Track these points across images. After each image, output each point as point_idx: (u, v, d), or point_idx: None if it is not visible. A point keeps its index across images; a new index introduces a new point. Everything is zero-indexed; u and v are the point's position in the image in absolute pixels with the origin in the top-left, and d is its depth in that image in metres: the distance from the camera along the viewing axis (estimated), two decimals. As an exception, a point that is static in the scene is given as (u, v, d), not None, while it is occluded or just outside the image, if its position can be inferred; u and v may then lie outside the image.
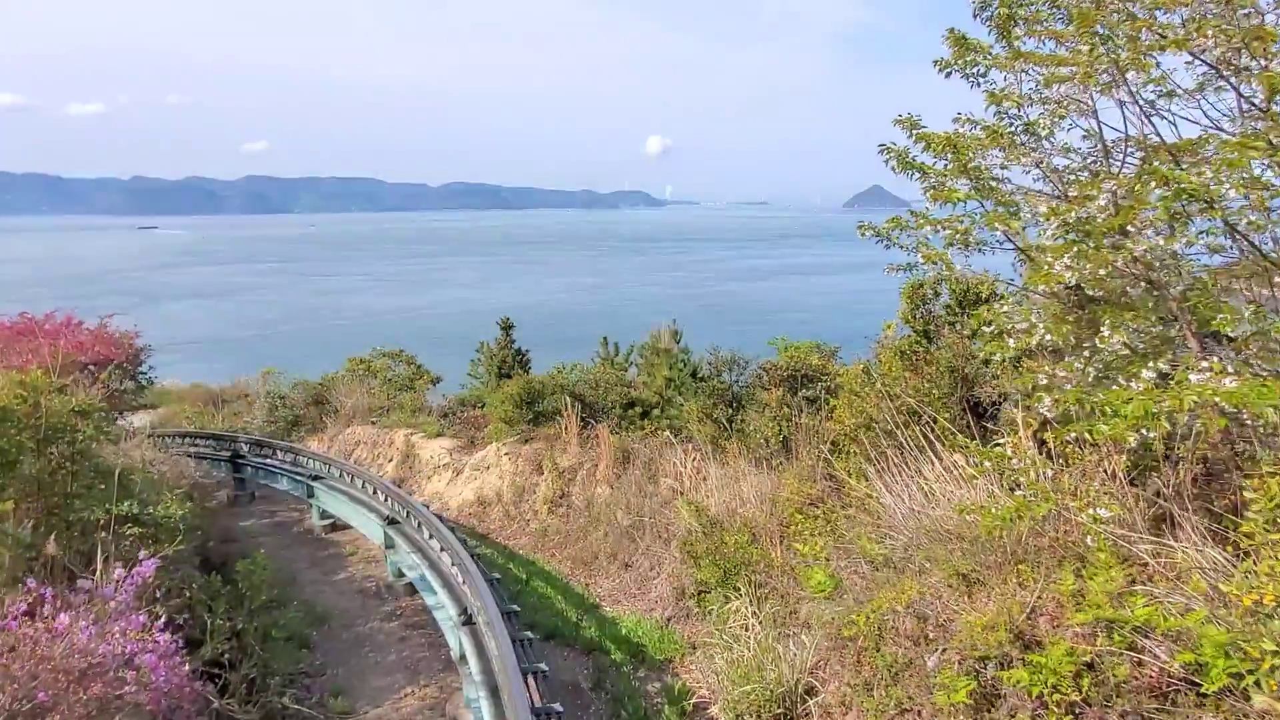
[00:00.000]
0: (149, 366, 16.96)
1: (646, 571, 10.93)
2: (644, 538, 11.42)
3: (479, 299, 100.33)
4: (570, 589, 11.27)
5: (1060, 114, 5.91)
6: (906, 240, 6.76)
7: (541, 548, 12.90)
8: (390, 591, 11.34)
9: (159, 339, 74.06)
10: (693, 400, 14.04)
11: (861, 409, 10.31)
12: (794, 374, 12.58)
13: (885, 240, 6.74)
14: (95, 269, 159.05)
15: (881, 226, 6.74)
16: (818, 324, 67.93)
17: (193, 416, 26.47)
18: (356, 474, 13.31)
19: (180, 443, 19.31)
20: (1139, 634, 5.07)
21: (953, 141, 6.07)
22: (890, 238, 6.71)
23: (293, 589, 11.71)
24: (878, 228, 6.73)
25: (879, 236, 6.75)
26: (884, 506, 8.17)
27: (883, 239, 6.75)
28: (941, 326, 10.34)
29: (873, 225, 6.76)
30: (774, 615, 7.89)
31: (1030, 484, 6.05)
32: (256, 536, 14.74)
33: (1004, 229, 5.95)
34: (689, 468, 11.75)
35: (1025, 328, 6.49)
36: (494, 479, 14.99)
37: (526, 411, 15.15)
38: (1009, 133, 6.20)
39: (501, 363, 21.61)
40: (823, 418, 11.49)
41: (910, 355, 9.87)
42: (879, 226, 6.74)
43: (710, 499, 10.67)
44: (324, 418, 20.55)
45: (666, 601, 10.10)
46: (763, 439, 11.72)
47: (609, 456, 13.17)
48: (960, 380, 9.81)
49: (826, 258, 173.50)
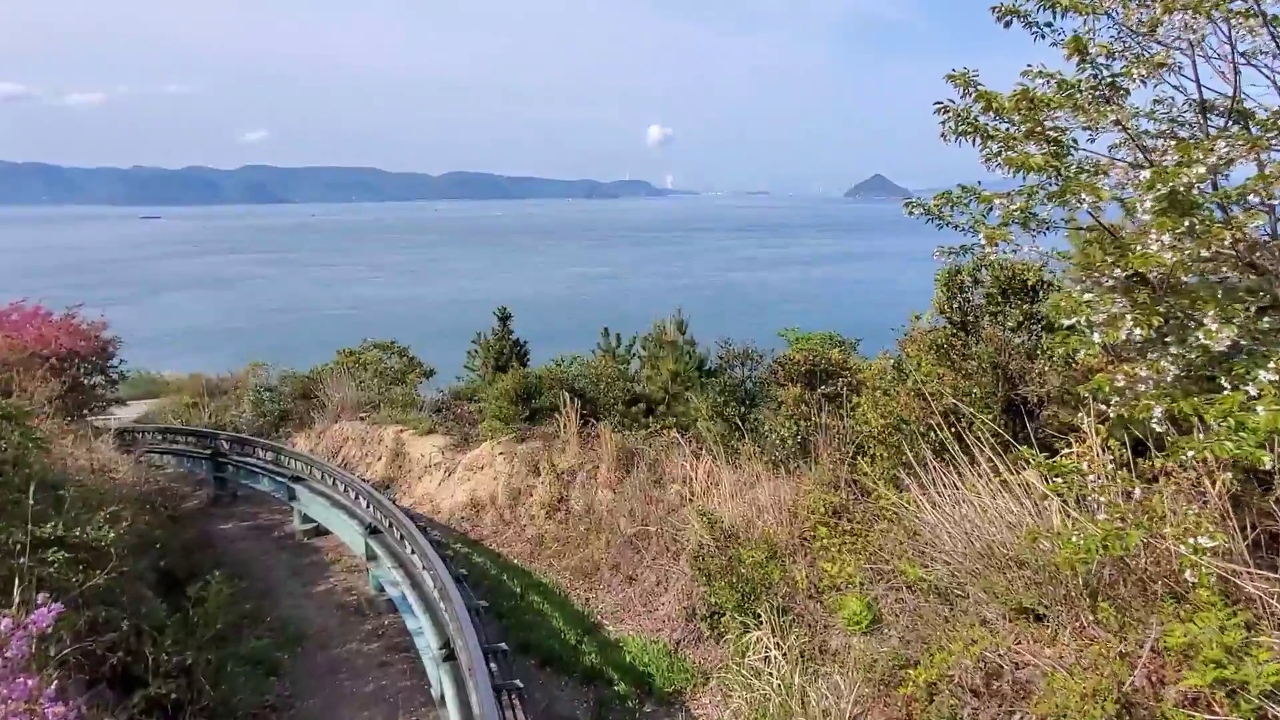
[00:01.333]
0: (120, 360, 15.95)
1: (653, 586, 9.96)
2: (650, 548, 10.45)
3: (479, 289, 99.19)
4: (569, 604, 10.31)
5: (1160, 61, 4.88)
6: (961, 218, 5.76)
7: (538, 556, 11.94)
8: (372, 607, 10.39)
9: (160, 329, 72.67)
10: (701, 397, 13.06)
11: (890, 409, 9.33)
12: (812, 369, 11.58)
13: (936, 219, 5.73)
14: (96, 258, 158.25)
15: (931, 203, 5.73)
16: (823, 314, 66.87)
17: (180, 410, 25.54)
18: (339, 477, 12.33)
19: (160, 439, 18.39)
20: (1269, 700, 4.11)
21: (1028, 98, 5.04)
22: (942, 215, 5.70)
23: (268, 603, 10.79)
24: (927, 205, 5.72)
25: (929, 215, 5.75)
26: (924, 522, 7.20)
27: (933, 217, 5.75)
28: (981, 318, 9.33)
29: (921, 202, 5.75)
30: (800, 647, 6.91)
31: (1114, 506, 5.06)
32: (235, 542, 13.83)
33: (1089, 200, 4.93)
34: (700, 472, 10.76)
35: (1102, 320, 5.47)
36: (488, 480, 14.02)
37: (522, 408, 14.17)
38: (1091, 87, 5.18)
39: (499, 355, 20.61)
40: (845, 417, 10.51)
41: (947, 350, 8.86)
42: (928, 204, 5.73)
43: (724, 507, 9.69)
44: (312, 412, 19.57)
45: (675, 622, 9.13)
46: (779, 440, 10.73)
47: (611, 458, 12.19)
48: (1003, 378, 8.82)
49: (829, 247, 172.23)
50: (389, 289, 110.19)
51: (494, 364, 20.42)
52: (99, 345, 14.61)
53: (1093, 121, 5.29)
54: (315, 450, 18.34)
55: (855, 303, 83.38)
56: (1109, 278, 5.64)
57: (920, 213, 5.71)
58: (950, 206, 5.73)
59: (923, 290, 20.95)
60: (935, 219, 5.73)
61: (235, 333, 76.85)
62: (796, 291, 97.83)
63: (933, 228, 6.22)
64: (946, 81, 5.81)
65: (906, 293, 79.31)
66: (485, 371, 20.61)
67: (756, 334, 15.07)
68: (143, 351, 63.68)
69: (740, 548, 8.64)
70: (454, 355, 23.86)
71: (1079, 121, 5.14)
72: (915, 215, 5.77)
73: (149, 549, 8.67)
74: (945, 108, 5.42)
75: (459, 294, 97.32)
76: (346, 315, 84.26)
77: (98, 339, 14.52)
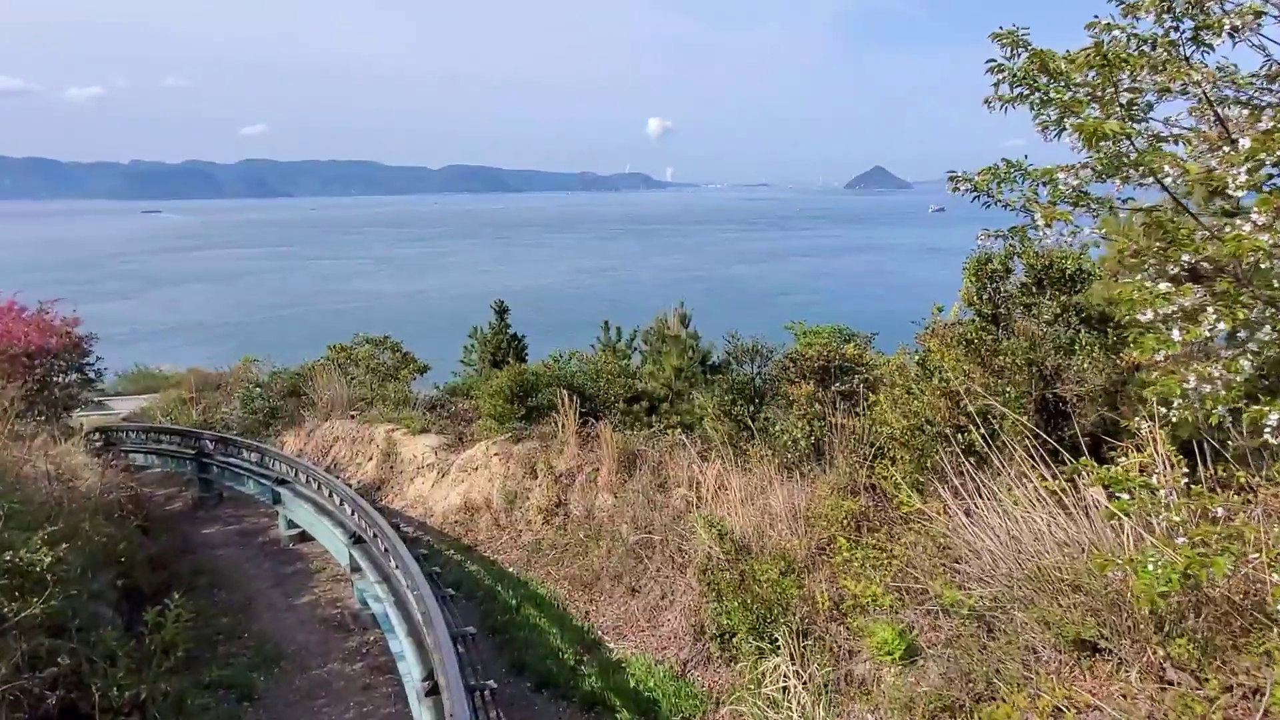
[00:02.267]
0: (96, 357, 15.22)
1: (657, 600, 9.27)
2: (654, 558, 9.76)
3: (478, 282, 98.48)
4: (567, 618, 9.62)
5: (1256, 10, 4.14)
6: (1011, 195, 5.03)
7: (534, 564, 11.26)
8: (357, 622, 9.71)
9: (161, 323, 72.33)
10: (707, 395, 12.35)
11: (914, 408, 8.63)
12: (826, 365, 10.87)
13: (985, 196, 5.01)
14: (97, 253, 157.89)
15: (978, 178, 5.00)
16: (827, 307, 66.11)
17: (171, 407, 24.88)
18: (324, 482, 11.64)
19: (144, 439, 17.71)
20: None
21: (1101, 53, 4.30)
22: (991, 193, 4.98)
23: (246, 617, 10.13)
24: (974, 179, 4.99)
25: (976, 191, 5.02)
26: (959, 537, 6.50)
27: (980, 194, 5.02)
28: (1013, 310, 8.61)
29: (967, 176, 5.02)
30: (823, 677, 6.22)
31: (1200, 528, 4.36)
32: (217, 549, 13.16)
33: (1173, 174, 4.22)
34: (707, 475, 10.06)
35: (1173, 312, 4.75)
36: (483, 482, 13.33)
37: (518, 407, 13.46)
38: (1169, 43, 4.45)
39: (495, 349, 19.90)
40: (862, 417, 9.81)
41: (977, 345, 8.13)
42: (975, 178, 5.01)
43: (734, 515, 8.99)
44: (302, 410, 18.88)
45: (682, 640, 8.45)
46: (791, 441, 10.03)
47: (612, 459, 11.49)
48: (1037, 376, 8.11)
49: (831, 240, 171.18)
50: (388, 283, 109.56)
51: (491, 359, 19.73)
52: (71, 342, 13.88)
53: (1169, 81, 4.56)
54: (305, 449, 17.67)
55: (859, 295, 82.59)
56: (1175, 265, 4.92)
57: (966, 189, 4.98)
58: (998, 182, 5.01)
59: (929, 282, 19.95)
60: (982, 196, 5.01)
61: (235, 327, 76.50)
62: (798, 284, 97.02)
63: (935, 219, 5.57)
64: (991, 41, 5.09)
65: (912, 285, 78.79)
66: (482, 367, 19.91)
67: (759, 327, 14.34)
68: (143, 346, 63.40)
69: (753, 561, 7.95)
70: (452, 349, 23.16)
71: (1156, 83, 4.42)
72: (959, 192, 5.04)
73: (110, 564, 7.96)
74: (1000, 66, 4.68)
75: (458, 287, 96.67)
76: (346, 309, 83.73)
77: (70, 335, 13.79)
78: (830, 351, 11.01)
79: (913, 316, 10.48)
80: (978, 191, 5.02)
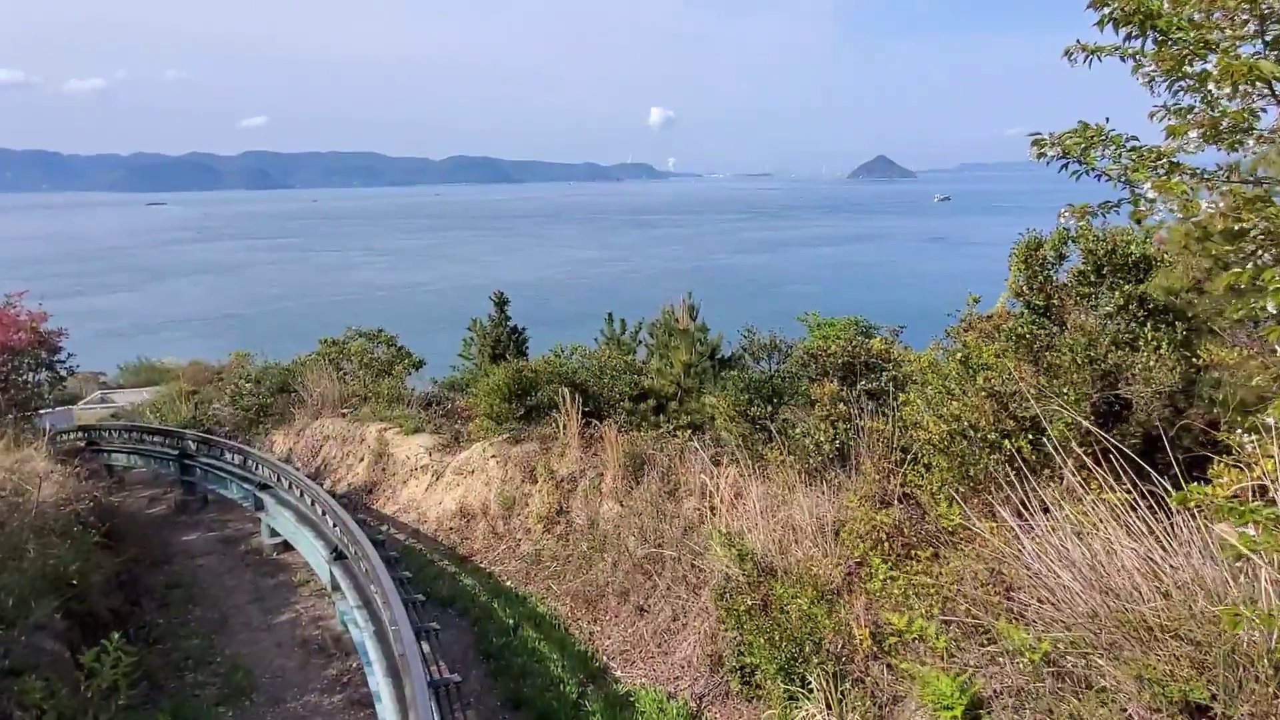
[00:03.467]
0: (68, 354, 14.34)
1: (668, 622, 8.41)
2: (664, 574, 8.90)
3: (479, 274, 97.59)
4: (569, 641, 8.77)
5: None
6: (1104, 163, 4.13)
7: (534, 577, 10.41)
8: (339, 645, 8.86)
9: (163, 315, 72.42)
10: (719, 393, 11.47)
11: (955, 411, 7.72)
12: (850, 361, 9.97)
13: (1078, 162, 4.10)
14: (101, 246, 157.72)
15: (1067, 139, 4.09)
16: (834, 297, 65.19)
17: (161, 404, 24.11)
18: (305, 489, 10.78)
19: (127, 438, 16.89)
20: None
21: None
22: (1085, 159, 4.07)
23: (221, 638, 9.31)
24: (1064, 140, 4.08)
25: (1065, 155, 4.12)
26: (1021, 562, 5.61)
27: (1070, 158, 4.12)
28: (1066, 301, 7.69)
29: (1056, 139, 4.11)
30: (866, 729, 5.35)
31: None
32: (196, 558, 12.34)
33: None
34: (722, 482, 9.17)
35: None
36: (479, 486, 12.47)
37: (517, 406, 12.58)
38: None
39: (495, 342, 19.02)
40: (890, 419, 8.91)
41: (1030, 340, 7.22)
42: (1064, 138, 4.10)
43: (754, 529, 8.11)
44: (293, 408, 18.03)
45: (697, 669, 7.59)
46: (813, 444, 9.12)
47: (617, 464, 10.61)
48: (1097, 375, 7.21)
49: (835, 229, 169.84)
50: (390, 274, 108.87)
51: (490, 352, 18.85)
52: (37, 339, 13.01)
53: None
54: (295, 449, 16.84)
55: (867, 285, 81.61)
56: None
57: (1054, 155, 4.07)
58: (1089, 147, 4.10)
59: (940, 273, 18.79)
60: (1071, 164, 4.10)
61: (237, 319, 76.01)
62: (804, 274, 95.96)
63: (944, 209, 4.66)
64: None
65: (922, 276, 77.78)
66: (481, 360, 19.04)
67: (765, 318, 13.48)
68: (145, 339, 62.90)
69: (776, 584, 7.08)
70: (451, 342, 22.30)
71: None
72: (1046, 159, 4.12)
73: (59, 589, 7.11)
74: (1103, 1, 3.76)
75: (459, 279, 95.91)
76: (345, 301, 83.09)
77: (36, 331, 12.91)
78: (855, 346, 10.11)
79: (925, 307, 9.60)
80: (1067, 157, 4.12)
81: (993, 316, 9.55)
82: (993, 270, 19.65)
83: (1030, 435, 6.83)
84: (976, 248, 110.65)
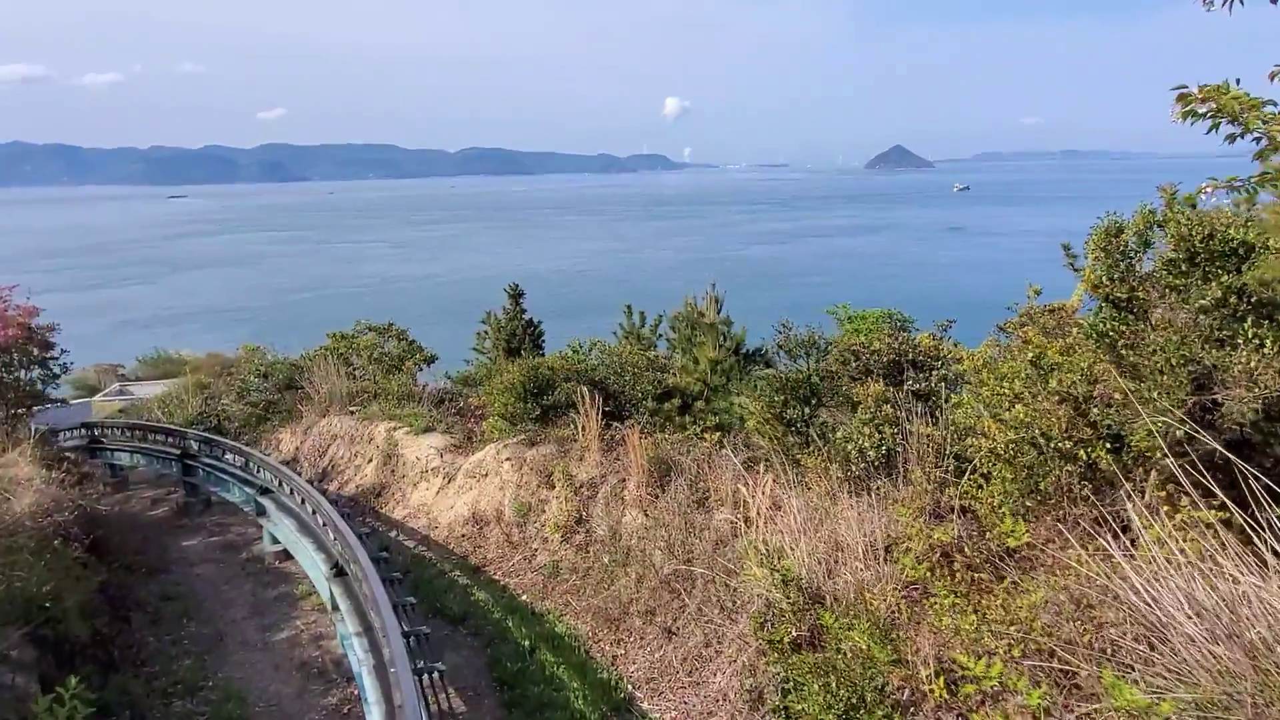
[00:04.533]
0: (61, 350, 13.72)
1: (699, 647, 7.63)
2: (694, 594, 8.12)
3: (495, 265, 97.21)
4: (590, 665, 8.02)
5: None
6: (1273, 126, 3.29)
7: (551, 591, 9.67)
8: (339, 669, 8.15)
9: (181, 307, 73.26)
10: (750, 392, 10.67)
11: (1023, 417, 6.88)
12: (897, 359, 9.13)
13: (1231, 125, 3.26)
14: (121, 239, 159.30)
15: (1223, 94, 3.26)
16: (850, 288, 64.01)
17: (167, 399, 23.61)
18: (308, 496, 10.09)
19: (128, 437, 16.31)
20: None
21: None
22: (1245, 122, 3.23)
23: (214, 658, 8.64)
24: (1219, 98, 3.25)
25: (1219, 114, 3.28)
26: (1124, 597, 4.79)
27: (1226, 118, 3.28)
28: (1152, 294, 6.80)
29: (1208, 90, 3.28)
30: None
31: None
32: (194, 565, 11.72)
33: None
34: (758, 492, 8.36)
35: None
36: (493, 490, 11.75)
37: (532, 405, 11.82)
38: None
39: (510, 336, 18.29)
40: (942, 423, 8.08)
41: (1114, 338, 6.36)
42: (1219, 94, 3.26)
43: (795, 546, 7.30)
44: (300, 405, 17.39)
45: (734, 705, 6.81)
46: (857, 451, 8.28)
47: (641, 469, 9.83)
48: (1191, 378, 6.35)
49: (853, 219, 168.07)
50: (406, 266, 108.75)
51: (505, 346, 18.13)
52: (26, 334, 12.37)
53: None
54: (301, 448, 16.21)
55: (891, 276, 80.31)
56: None
57: (1206, 111, 3.24)
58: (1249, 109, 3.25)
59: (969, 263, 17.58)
60: (1225, 125, 3.26)
61: (254, 311, 76.15)
62: (824, 265, 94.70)
63: (960, 199, 3.82)
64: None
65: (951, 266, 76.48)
66: (495, 355, 18.32)
67: (787, 310, 12.63)
68: (163, 330, 63.05)
69: (825, 612, 6.28)
70: (466, 334, 21.60)
71: None
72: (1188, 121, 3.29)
73: (30, 612, 6.43)
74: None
75: (475, 271, 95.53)
76: (360, 293, 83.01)
77: (25, 327, 12.28)
78: (901, 343, 9.26)
79: (959, 299, 8.77)
80: (1220, 116, 3.28)
81: (1055, 310, 8.70)
82: (1020, 261, 18.36)
83: (1108, 445, 6.01)
84: (998, 238, 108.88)
